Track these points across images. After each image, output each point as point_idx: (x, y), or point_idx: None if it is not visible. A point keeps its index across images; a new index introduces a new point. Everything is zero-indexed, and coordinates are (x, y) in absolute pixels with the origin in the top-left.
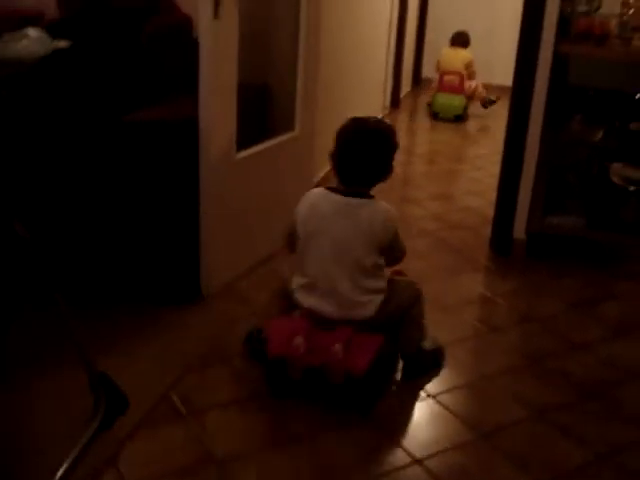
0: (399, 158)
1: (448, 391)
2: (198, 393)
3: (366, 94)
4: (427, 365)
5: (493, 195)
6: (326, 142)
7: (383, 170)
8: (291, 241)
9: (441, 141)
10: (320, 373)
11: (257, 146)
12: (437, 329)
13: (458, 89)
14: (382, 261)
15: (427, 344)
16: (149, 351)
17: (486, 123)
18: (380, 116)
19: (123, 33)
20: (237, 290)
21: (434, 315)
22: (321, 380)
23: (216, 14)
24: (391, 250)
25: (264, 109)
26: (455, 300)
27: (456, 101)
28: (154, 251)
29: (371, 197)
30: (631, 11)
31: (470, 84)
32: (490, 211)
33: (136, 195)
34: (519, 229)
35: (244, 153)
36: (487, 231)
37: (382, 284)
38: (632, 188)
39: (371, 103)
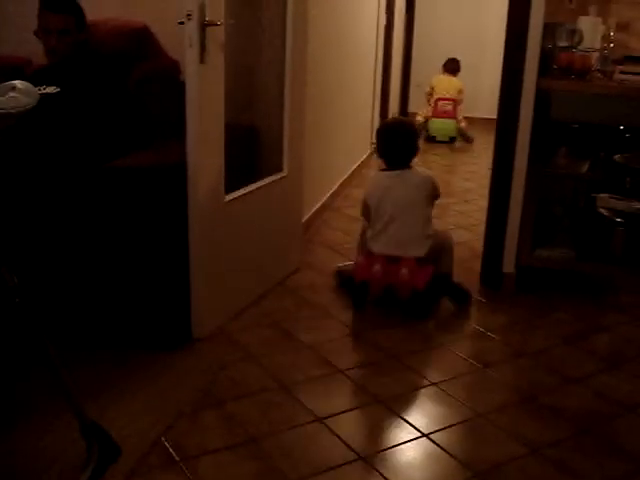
0: None
1: (442, 430)
2: (190, 439)
3: (353, 131)
4: (460, 291)
5: (482, 229)
6: (314, 181)
7: (413, 151)
8: (366, 212)
9: None
10: (392, 292)
11: (245, 187)
12: (430, 366)
13: (451, 114)
14: (430, 213)
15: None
16: (141, 397)
17: (473, 154)
18: (367, 152)
19: (111, 79)
20: (228, 333)
21: (427, 352)
22: (393, 296)
23: (202, 59)
24: (435, 196)
25: (252, 150)
26: (447, 336)
27: (450, 125)
28: (144, 296)
29: (410, 167)
30: (611, 45)
31: (460, 108)
32: (479, 245)
33: (125, 240)
34: (508, 263)
35: (233, 195)
36: (477, 265)
37: (432, 232)
38: (619, 219)
39: (358, 140)
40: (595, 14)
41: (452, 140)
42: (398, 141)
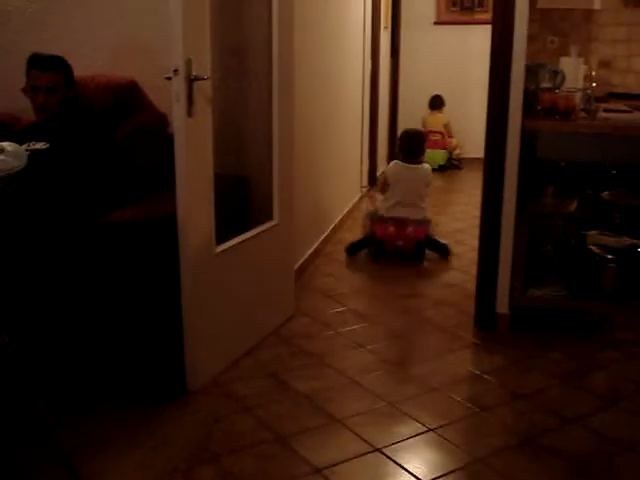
0: None
1: (442, 476)
2: None
3: (343, 176)
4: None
5: (474, 270)
6: (306, 227)
7: (423, 150)
8: (384, 188)
9: None
10: (400, 248)
11: (236, 238)
12: (427, 411)
13: (440, 145)
14: (426, 193)
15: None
16: (135, 454)
17: (463, 194)
18: (358, 195)
19: (100, 134)
20: (223, 384)
21: (424, 397)
22: (401, 249)
23: (190, 113)
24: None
25: (242, 200)
26: (443, 380)
27: (439, 155)
28: (137, 350)
29: (421, 162)
30: (594, 84)
31: (450, 141)
32: (472, 286)
33: (118, 295)
34: (502, 304)
35: (224, 246)
36: (471, 307)
37: (426, 205)
38: (610, 256)
39: (348, 183)
40: (576, 54)
41: (442, 168)
42: (413, 143)
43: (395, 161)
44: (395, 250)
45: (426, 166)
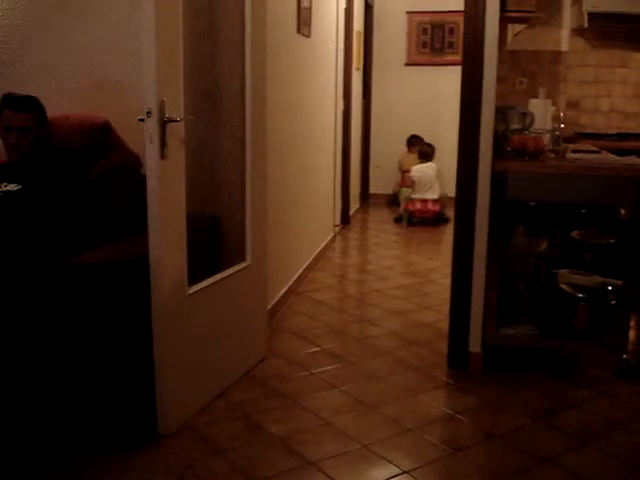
0: (352, 277)
1: None
2: None
3: (316, 215)
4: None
5: (447, 309)
6: (278, 267)
7: (431, 155)
8: (411, 183)
9: (392, 256)
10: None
11: (209, 279)
12: (401, 453)
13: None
14: (439, 181)
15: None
16: None
17: (435, 233)
18: (331, 234)
19: (72, 175)
20: (195, 428)
21: (398, 439)
22: (424, 218)
23: (162, 155)
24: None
25: (215, 240)
26: (417, 421)
27: None
28: (108, 393)
29: (431, 160)
30: (562, 125)
31: None
32: (445, 325)
33: (89, 337)
34: (475, 343)
35: (196, 287)
36: (444, 346)
37: (438, 187)
38: (581, 294)
39: (321, 223)
40: (544, 96)
41: None
42: (427, 151)
43: (417, 165)
44: (421, 219)
45: (434, 164)
